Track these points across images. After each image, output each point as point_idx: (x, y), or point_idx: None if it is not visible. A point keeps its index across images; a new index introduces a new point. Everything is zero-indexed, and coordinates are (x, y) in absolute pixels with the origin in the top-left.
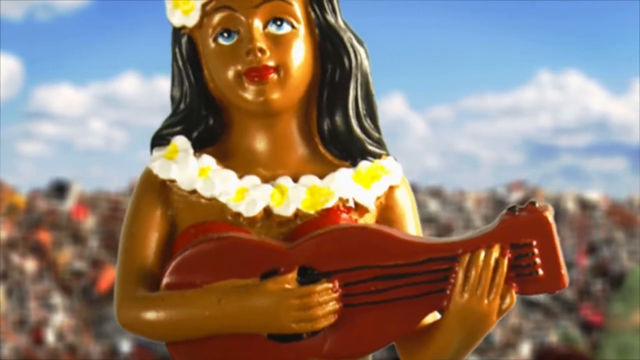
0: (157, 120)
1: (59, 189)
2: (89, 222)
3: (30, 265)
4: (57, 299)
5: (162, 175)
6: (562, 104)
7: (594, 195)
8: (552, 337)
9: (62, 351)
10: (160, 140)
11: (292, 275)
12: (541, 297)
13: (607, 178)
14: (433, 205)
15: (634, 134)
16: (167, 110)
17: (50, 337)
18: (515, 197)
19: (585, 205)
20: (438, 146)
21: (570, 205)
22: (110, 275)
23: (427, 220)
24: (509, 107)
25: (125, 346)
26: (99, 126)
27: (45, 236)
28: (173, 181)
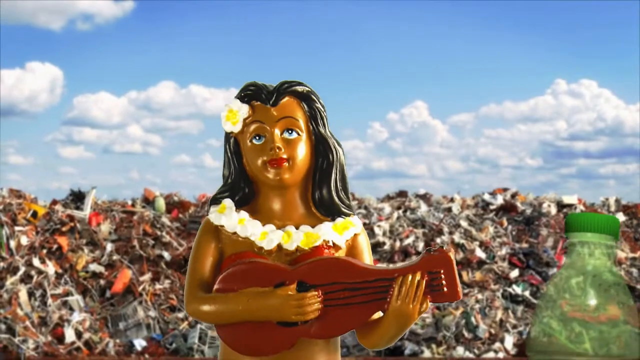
0: (189, 125)
1: (77, 198)
2: (105, 228)
3: (50, 268)
4: (76, 299)
5: (216, 222)
6: (578, 111)
7: (571, 198)
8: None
9: (81, 347)
10: (215, 201)
11: (293, 286)
12: (524, 294)
13: (621, 181)
14: (423, 209)
15: None
16: (198, 116)
17: (70, 334)
18: (499, 200)
19: (563, 207)
20: (459, 151)
21: (550, 208)
22: (124, 277)
23: (420, 223)
24: (527, 114)
25: (139, 342)
26: (137, 132)
27: (64, 241)
28: (222, 226)
